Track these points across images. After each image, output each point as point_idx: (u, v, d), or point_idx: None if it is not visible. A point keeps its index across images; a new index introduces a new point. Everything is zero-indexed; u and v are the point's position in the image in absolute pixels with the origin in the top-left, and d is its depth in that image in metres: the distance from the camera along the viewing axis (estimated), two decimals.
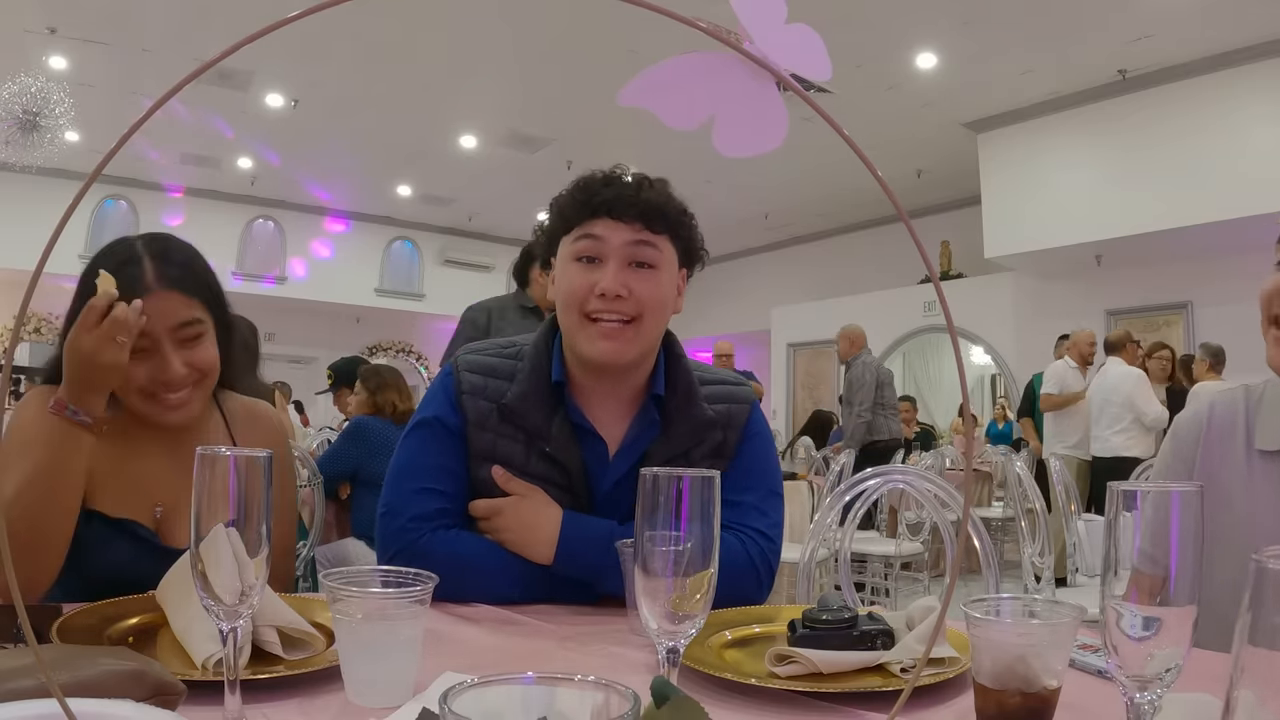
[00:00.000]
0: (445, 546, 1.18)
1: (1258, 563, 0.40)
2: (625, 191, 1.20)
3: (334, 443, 3.79)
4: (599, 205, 1.20)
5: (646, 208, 1.20)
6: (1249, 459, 1.14)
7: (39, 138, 6.39)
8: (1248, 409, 1.18)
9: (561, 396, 1.24)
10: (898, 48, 6.89)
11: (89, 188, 0.51)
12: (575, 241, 1.22)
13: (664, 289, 1.22)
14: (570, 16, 6.46)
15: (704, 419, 1.27)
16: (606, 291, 1.17)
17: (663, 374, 1.28)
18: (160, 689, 0.66)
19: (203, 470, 0.67)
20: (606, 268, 1.19)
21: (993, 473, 6.04)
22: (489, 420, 1.24)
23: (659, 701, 0.49)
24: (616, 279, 1.18)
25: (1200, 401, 1.25)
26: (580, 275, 1.20)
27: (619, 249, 1.19)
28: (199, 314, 1.23)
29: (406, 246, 12.59)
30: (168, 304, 1.19)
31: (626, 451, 1.25)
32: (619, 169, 1.25)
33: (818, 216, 10.99)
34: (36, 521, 1.08)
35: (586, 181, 1.23)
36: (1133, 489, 0.60)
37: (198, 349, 1.22)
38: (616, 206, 1.19)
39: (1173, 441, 1.25)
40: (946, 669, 0.85)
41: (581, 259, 1.21)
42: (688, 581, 0.67)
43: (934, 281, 0.61)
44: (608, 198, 1.20)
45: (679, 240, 1.26)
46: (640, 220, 1.20)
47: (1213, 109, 6.79)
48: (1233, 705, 0.40)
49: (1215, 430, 1.19)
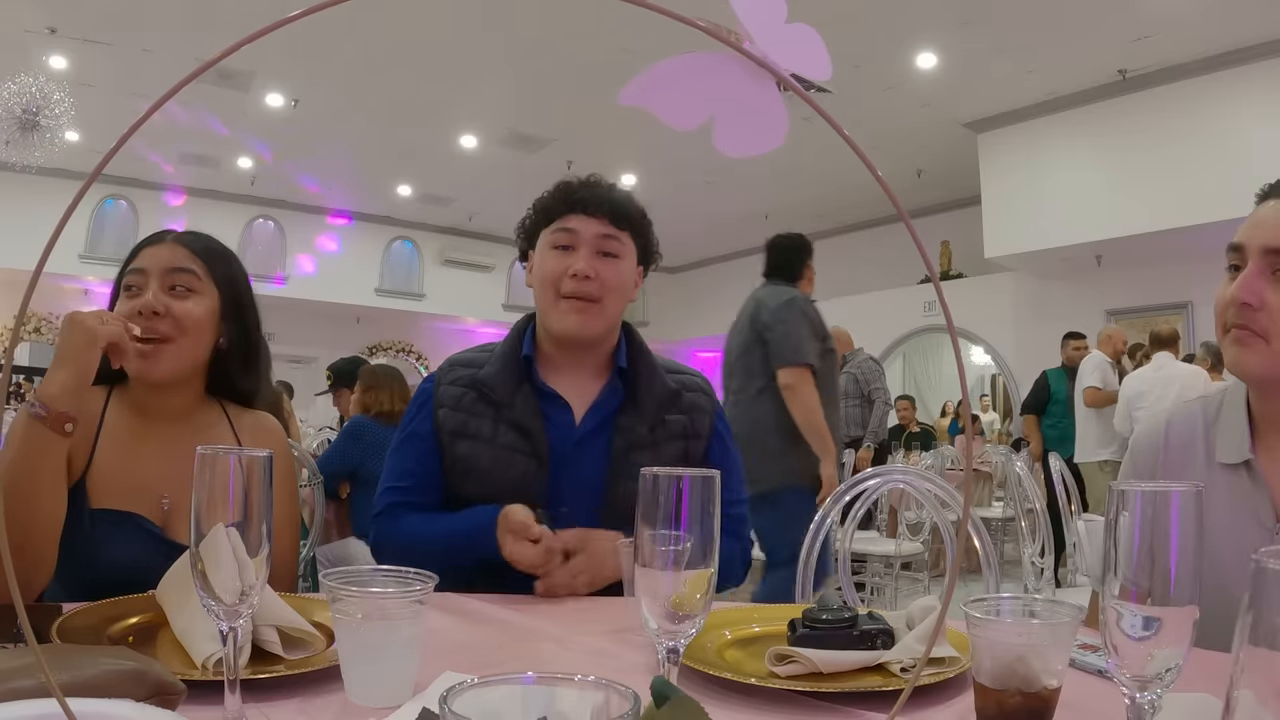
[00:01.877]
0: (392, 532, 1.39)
1: (1257, 563, 0.40)
2: (597, 192, 1.43)
3: (333, 442, 3.81)
4: (574, 202, 1.42)
5: (614, 206, 1.43)
6: (1210, 473, 1.13)
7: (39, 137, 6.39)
8: (1206, 423, 1.18)
9: (530, 370, 1.43)
10: (897, 48, 6.89)
11: (89, 188, 0.51)
12: (553, 232, 1.43)
13: (625, 276, 1.44)
14: (570, 16, 6.46)
15: (666, 390, 1.45)
16: (579, 273, 1.38)
17: (624, 353, 1.47)
18: (160, 689, 0.66)
19: (203, 470, 0.67)
20: (579, 254, 1.40)
21: (993, 473, 6.04)
22: (463, 401, 1.42)
23: (659, 701, 0.49)
24: (588, 263, 1.39)
25: (1158, 419, 1.25)
26: (556, 260, 1.41)
27: (590, 239, 1.41)
28: (197, 272, 1.29)
29: (406, 246, 12.59)
30: (169, 251, 1.28)
31: (593, 413, 1.42)
32: (593, 178, 1.47)
33: (817, 216, 10.99)
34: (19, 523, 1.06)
35: (565, 184, 1.46)
36: (1133, 489, 0.60)
37: (182, 300, 1.27)
38: (589, 203, 1.41)
39: (1131, 460, 1.25)
40: (946, 669, 0.85)
41: (558, 247, 1.42)
42: (688, 581, 0.67)
43: (934, 281, 0.61)
44: (582, 196, 1.42)
45: (638, 238, 1.47)
46: (608, 216, 1.41)
47: (1213, 109, 6.79)
48: (1233, 705, 0.40)
49: (1173, 447, 1.19)
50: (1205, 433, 1.17)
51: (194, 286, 1.28)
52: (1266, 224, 1.07)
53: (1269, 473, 1.09)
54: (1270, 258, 1.06)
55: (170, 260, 1.27)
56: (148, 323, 1.22)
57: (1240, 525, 1.08)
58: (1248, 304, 1.06)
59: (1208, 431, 1.17)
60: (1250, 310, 1.06)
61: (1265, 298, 1.06)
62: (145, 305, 1.22)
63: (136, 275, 1.26)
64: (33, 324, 10.59)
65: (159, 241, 1.31)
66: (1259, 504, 1.09)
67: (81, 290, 10.16)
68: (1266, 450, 1.11)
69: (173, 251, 1.29)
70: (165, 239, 1.31)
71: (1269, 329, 1.06)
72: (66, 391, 1.09)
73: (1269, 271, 1.06)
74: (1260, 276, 1.06)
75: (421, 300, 12.55)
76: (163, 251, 1.28)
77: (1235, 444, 1.13)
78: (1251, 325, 1.07)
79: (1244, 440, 1.12)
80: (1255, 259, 1.07)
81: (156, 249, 1.29)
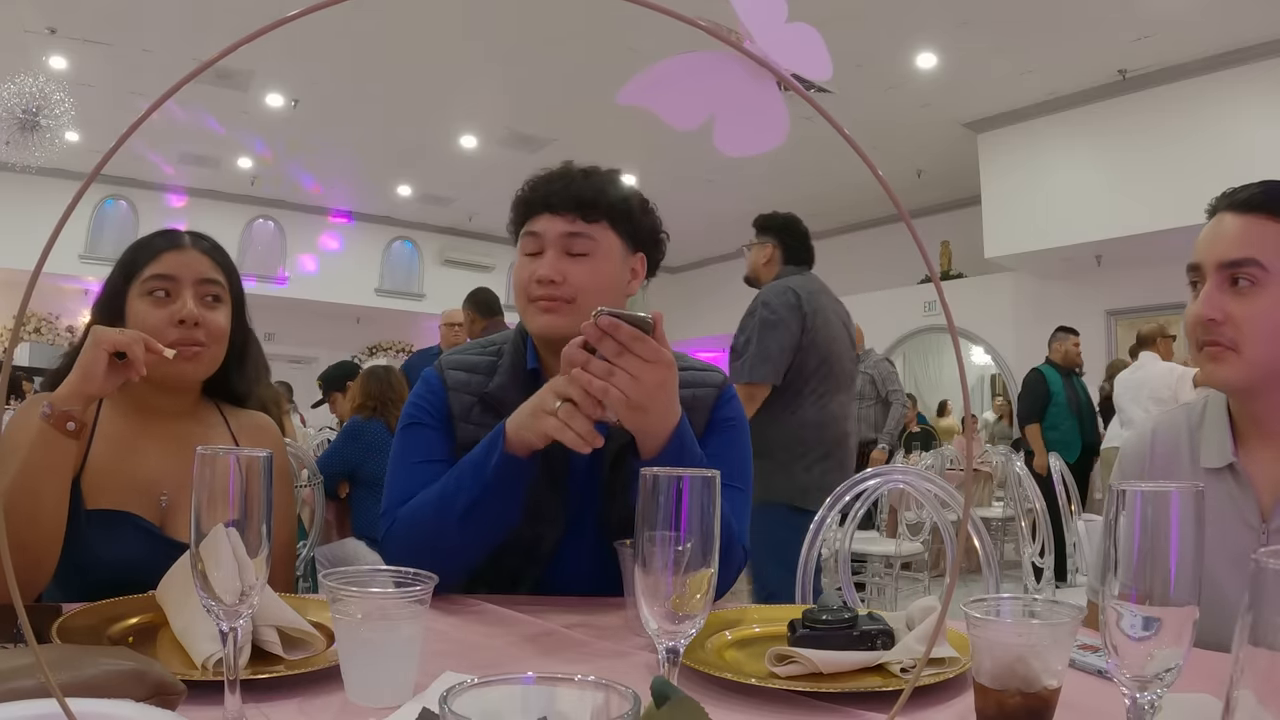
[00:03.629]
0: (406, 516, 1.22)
1: (1257, 563, 0.40)
2: (562, 185, 1.30)
3: (332, 443, 3.82)
4: (537, 201, 1.31)
5: (580, 200, 1.29)
6: (1195, 477, 1.15)
7: (39, 138, 6.39)
8: (1190, 429, 1.21)
9: (537, 382, 1.30)
10: (898, 48, 6.88)
11: (88, 188, 0.51)
12: (522, 238, 1.33)
13: (601, 275, 1.29)
14: (570, 16, 6.46)
15: None
16: (542, 278, 1.27)
17: None
18: (160, 689, 0.66)
19: (203, 470, 0.67)
20: (544, 258, 1.29)
21: (993, 473, 6.03)
22: (471, 413, 1.32)
23: (659, 701, 0.49)
24: (552, 267, 1.27)
25: (1144, 427, 1.29)
26: (524, 266, 1.31)
27: (554, 240, 1.29)
28: (221, 282, 1.33)
29: (406, 246, 12.59)
30: (196, 260, 1.31)
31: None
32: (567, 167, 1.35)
33: (818, 216, 10.97)
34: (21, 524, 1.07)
35: (534, 179, 1.34)
36: (1133, 489, 0.60)
37: (214, 311, 1.31)
38: (552, 201, 1.29)
39: (1119, 468, 1.28)
40: (946, 669, 0.85)
41: (527, 253, 1.32)
42: (688, 581, 0.67)
43: (934, 281, 0.60)
44: (544, 193, 1.30)
45: (620, 226, 1.32)
46: (575, 211, 1.28)
47: (1213, 109, 6.79)
48: (1233, 705, 0.40)
49: (1159, 454, 1.22)
50: (1189, 438, 1.20)
51: (220, 296, 1.33)
52: (1218, 238, 1.12)
53: (1253, 474, 1.12)
54: (1226, 271, 1.11)
55: (200, 271, 1.30)
56: (188, 332, 1.26)
57: (1228, 528, 1.11)
58: (1213, 319, 1.11)
59: (1192, 437, 1.20)
60: (1216, 325, 1.11)
61: (1228, 310, 1.10)
62: (189, 315, 1.26)
63: (166, 281, 1.28)
64: (33, 324, 10.59)
65: (179, 245, 1.31)
66: (1245, 506, 1.11)
67: (81, 290, 10.16)
68: (1249, 453, 1.14)
69: (199, 261, 1.31)
70: (184, 242, 1.32)
71: (1237, 339, 1.10)
72: (71, 391, 1.11)
73: (1228, 284, 1.11)
74: (1220, 290, 1.11)
75: (421, 300, 12.55)
76: (189, 260, 1.30)
77: (1218, 448, 1.15)
78: (1220, 339, 1.11)
79: (1226, 444, 1.15)
80: (1212, 274, 1.12)
81: (182, 256, 1.30)
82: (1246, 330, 1.09)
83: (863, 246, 11.00)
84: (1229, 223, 1.12)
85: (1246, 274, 1.09)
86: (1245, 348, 1.09)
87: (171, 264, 1.29)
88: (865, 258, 10.83)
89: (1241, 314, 1.09)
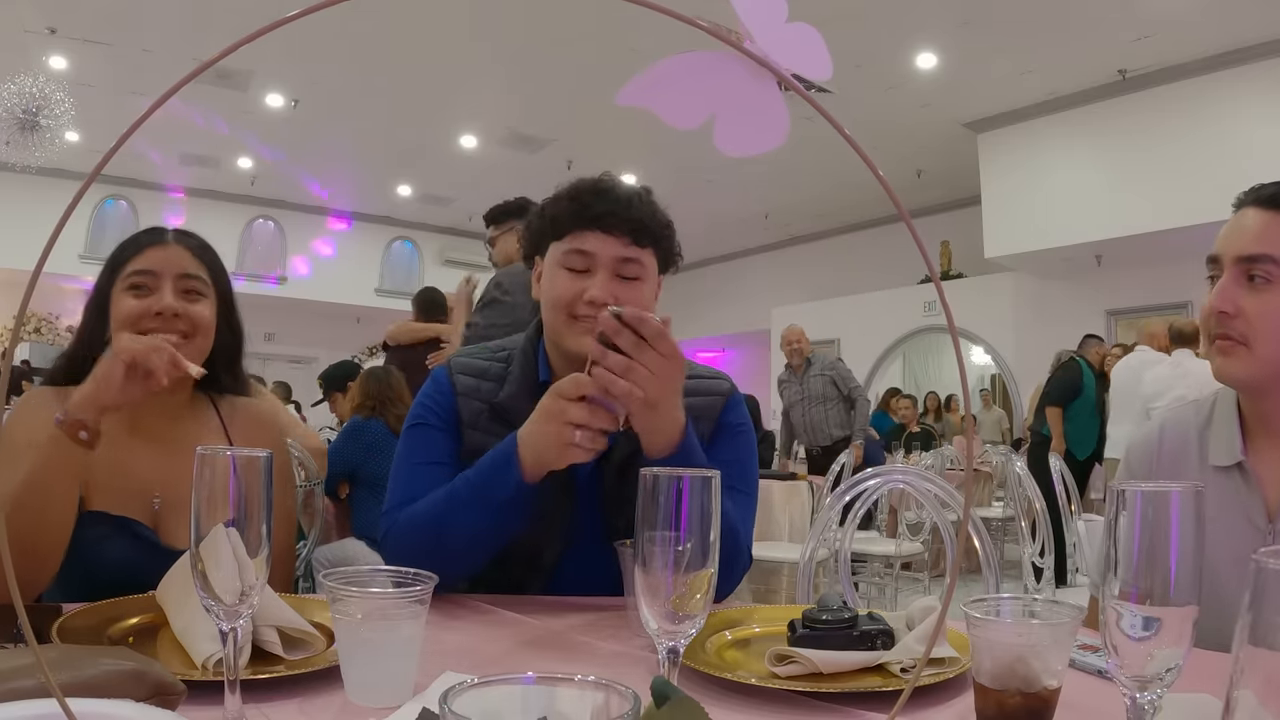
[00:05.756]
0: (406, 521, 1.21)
1: (1257, 563, 0.40)
2: (616, 207, 1.25)
3: (332, 443, 3.82)
4: (591, 219, 1.25)
5: (636, 224, 1.25)
6: (1202, 475, 1.15)
7: (39, 138, 6.39)
8: (1198, 426, 1.21)
9: None
10: (898, 48, 6.89)
11: (88, 188, 0.51)
12: (565, 252, 1.26)
13: (646, 299, 1.28)
14: (570, 16, 6.46)
15: None
16: (595, 300, 1.22)
17: None
18: (160, 689, 0.66)
19: (203, 470, 0.67)
20: (595, 277, 1.24)
21: (993, 473, 6.04)
22: (480, 420, 1.30)
23: (659, 701, 0.49)
24: (606, 289, 1.23)
25: (1152, 424, 1.28)
26: (569, 282, 1.25)
27: (608, 262, 1.25)
28: (204, 277, 1.32)
29: (406, 246, 12.59)
30: (178, 255, 1.31)
31: None
32: (607, 177, 1.30)
33: (817, 216, 10.99)
34: (27, 527, 1.08)
35: (579, 191, 1.28)
36: (1133, 489, 0.60)
37: (195, 303, 1.30)
38: (607, 221, 1.24)
39: (1126, 464, 1.28)
40: (946, 669, 0.85)
41: (571, 269, 1.26)
42: (688, 581, 0.67)
43: (935, 281, 0.60)
44: (599, 212, 1.25)
45: (660, 250, 1.32)
46: (629, 235, 1.25)
47: (1213, 109, 6.79)
48: (1233, 705, 0.40)
49: (1167, 451, 1.22)
50: (1198, 436, 1.20)
51: (202, 290, 1.32)
52: (1238, 232, 1.11)
53: (1260, 474, 1.12)
54: (1243, 265, 1.10)
55: (181, 265, 1.30)
56: (168, 323, 1.26)
57: (1233, 527, 1.10)
58: (1225, 312, 1.10)
59: (1200, 434, 1.20)
60: (1228, 318, 1.10)
61: (1241, 305, 1.09)
62: (166, 308, 1.26)
63: (146, 276, 1.28)
64: (33, 324, 10.59)
65: (161, 241, 1.32)
66: (1251, 505, 1.11)
67: (81, 290, 10.11)
68: (1257, 452, 1.14)
69: (180, 255, 1.31)
70: (167, 238, 1.33)
71: (1248, 335, 1.09)
72: (84, 399, 1.11)
73: (1244, 279, 1.10)
74: (1235, 284, 1.10)
75: None
76: (171, 254, 1.30)
77: (1227, 446, 1.15)
78: (1231, 333, 1.10)
79: (1235, 442, 1.14)
80: (1229, 268, 1.11)
81: (163, 251, 1.30)
82: (1258, 326, 1.08)
83: (863, 246, 11.01)
84: (1251, 217, 1.11)
85: (1262, 270, 1.08)
86: (1256, 344, 1.09)
87: (153, 259, 1.29)
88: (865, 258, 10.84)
89: (1254, 309, 1.08)
